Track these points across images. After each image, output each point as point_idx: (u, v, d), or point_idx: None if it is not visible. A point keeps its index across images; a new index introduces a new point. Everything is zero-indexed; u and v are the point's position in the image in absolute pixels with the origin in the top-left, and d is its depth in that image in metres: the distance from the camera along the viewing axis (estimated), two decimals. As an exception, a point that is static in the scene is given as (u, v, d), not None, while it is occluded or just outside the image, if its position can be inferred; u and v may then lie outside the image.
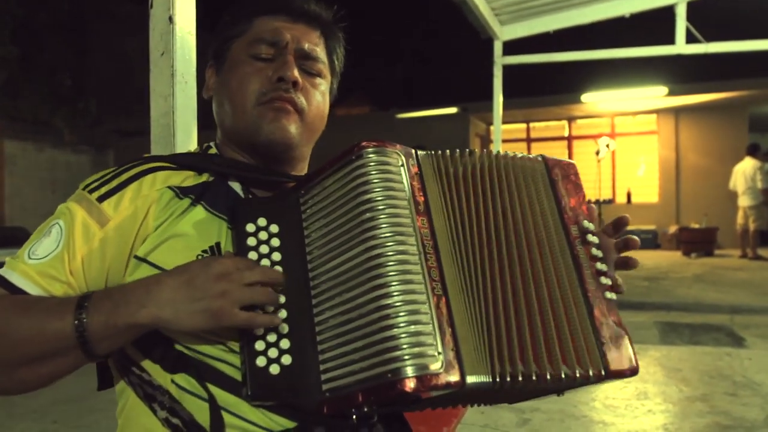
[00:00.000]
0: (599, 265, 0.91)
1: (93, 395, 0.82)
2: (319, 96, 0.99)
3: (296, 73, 0.94)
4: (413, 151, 0.86)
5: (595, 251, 0.91)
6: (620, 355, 0.86)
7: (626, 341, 0.87)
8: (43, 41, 15.06)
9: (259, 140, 0.94)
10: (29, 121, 14.57)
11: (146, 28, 1.41)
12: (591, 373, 0.83)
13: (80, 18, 16.72)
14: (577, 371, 0.82)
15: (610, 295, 0.89)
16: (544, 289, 0.85)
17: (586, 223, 0.93)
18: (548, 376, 0.80)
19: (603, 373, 0.83)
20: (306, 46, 0.97)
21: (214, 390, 0.83)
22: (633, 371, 0.86)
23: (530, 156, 0.95)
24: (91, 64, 17.03)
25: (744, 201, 9.47)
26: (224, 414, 0.82)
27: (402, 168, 0.82)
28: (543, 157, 0.96)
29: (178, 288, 0.77)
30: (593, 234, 0.93)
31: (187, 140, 1.40)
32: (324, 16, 1.01)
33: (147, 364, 0.86)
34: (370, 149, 0.81)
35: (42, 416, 3.17)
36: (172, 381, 0.84)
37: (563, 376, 0.81)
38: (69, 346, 0.77)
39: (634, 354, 0.88)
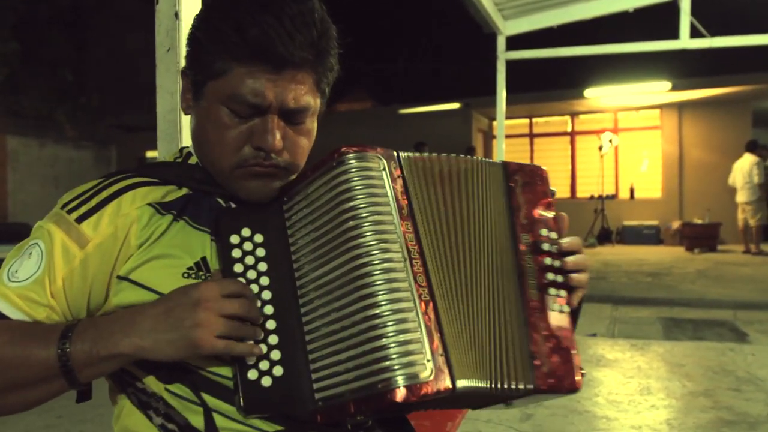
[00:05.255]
0: (551, 276, 0.88)
1: (97, 390, 0.83)
2: (304, 140, 0.91)
3: (278, 140, 0.85)
4: (395, 153, 0.85)
5: (548, 261, 0.89)
6: (558, 371, 0.84)
7: (571, 357, 0.85)
8: (44, 36, 15.03)
9: (239, 195, 0.90)
10: (31, 116, 14.58)
11: (151, 24, 1.40)
12: (519, 386, 0.82)
13: (81, 13, 16.70)
14: (505, 384, 0.81)
15: (558, 306, 0.87)
16: (489, 298, 0.85)
17: (544, 232, 0.91)
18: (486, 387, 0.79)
19: (531, 388, 0.82)
20: (291, 102, 0.85)
21: (210, 399, 0.83)
22: (571, 389, 0.84)
23: (491, 161, 0.93)
24: (92, 60, 17.03)
25: (741, 197, 9.47)
26: (219, 417, 0.82)
27: (384, 172, 0.81)
28: (504, 162, 0.94)
29: (158, 317, 0.77)
30: (552, 243, 0.90)
31: (193, 136, 1.40)
32: (311, 54, 0.84)
33: (141, 374, 0.86)
34: (350, 155, 0.80)
35: (46, 411, 3.17)
36: (166, 389, 0.84)
37: (491, 387, 0.79)
38: (53, 374, 0.77)
39: (578, 371, 0.85)
